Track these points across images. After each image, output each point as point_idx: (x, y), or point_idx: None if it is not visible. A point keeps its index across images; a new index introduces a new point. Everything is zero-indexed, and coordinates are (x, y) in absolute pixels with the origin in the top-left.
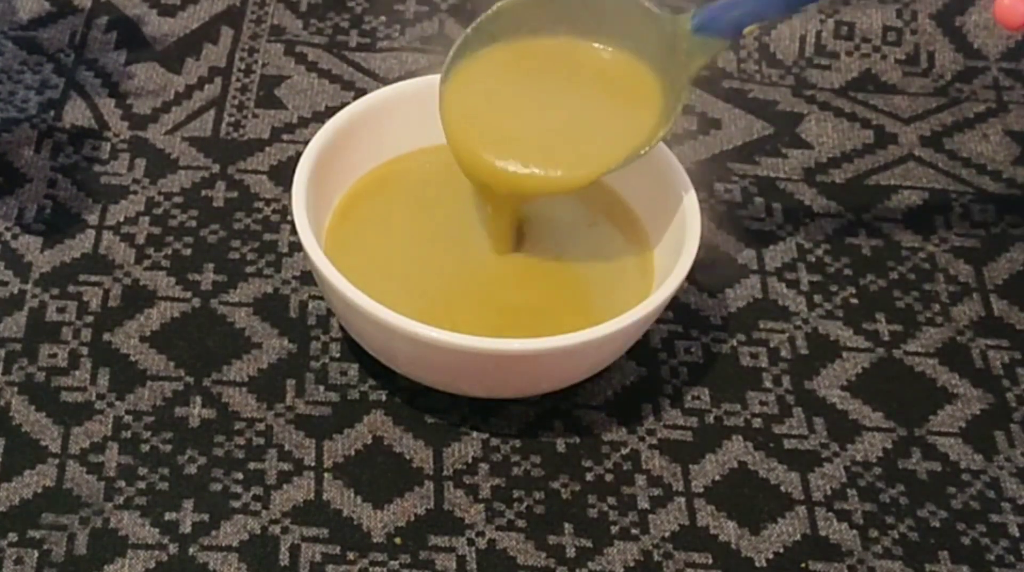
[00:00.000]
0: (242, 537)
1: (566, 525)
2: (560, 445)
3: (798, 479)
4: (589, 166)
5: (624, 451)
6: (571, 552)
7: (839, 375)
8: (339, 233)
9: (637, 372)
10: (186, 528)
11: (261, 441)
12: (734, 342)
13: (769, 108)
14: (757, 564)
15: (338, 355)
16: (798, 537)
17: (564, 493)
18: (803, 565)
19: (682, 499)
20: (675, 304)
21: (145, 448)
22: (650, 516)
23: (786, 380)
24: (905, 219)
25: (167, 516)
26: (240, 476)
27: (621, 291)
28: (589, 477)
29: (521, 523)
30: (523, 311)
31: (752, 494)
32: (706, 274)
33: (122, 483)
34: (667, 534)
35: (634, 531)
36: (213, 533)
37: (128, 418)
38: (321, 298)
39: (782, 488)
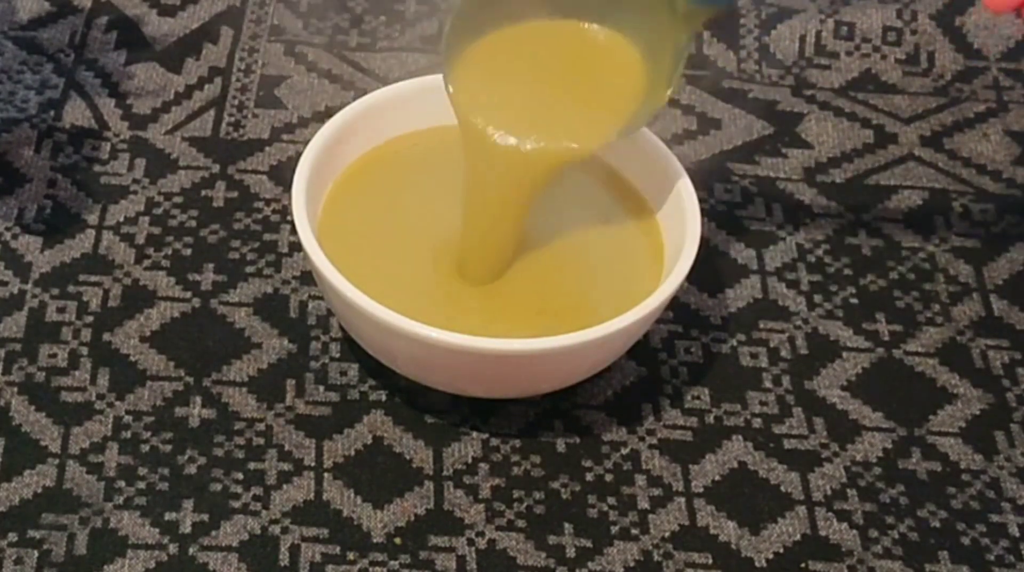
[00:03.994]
0: (242, 537)
1: (566, 525)
2: (560, 445)
3: (798, 479)
4: (596, 134)
5: (624, 451)
6: (571, 552)
7: (839, 375)
8: (331, 221)
9: (637, 372)
10: (186, 528)
11: (261, 441)
12: (734, 342)
13: (769, 108)
14: (757, 564)
15: (338, 355)
16: (798, 537)
17: (564, 493)
18: (803, 565)
19: (682, 499)
20: (675, 304)
21: (145, 448)
22: (650, 516)
23: (786, 380)
24: (905, 219)
25: (167, 516)
26: (240, 476)
27: (631, 289)
28: (589, 477)
29: (521, 523)
30: (528, 307)
31: (752, 494)
32: (706, 274)
33: (122, 483)
34: (667, 534)
35: (634, 531)
36: (213, 533)
37: (128, 418)
38: (321, 298)
39: (782, 488)
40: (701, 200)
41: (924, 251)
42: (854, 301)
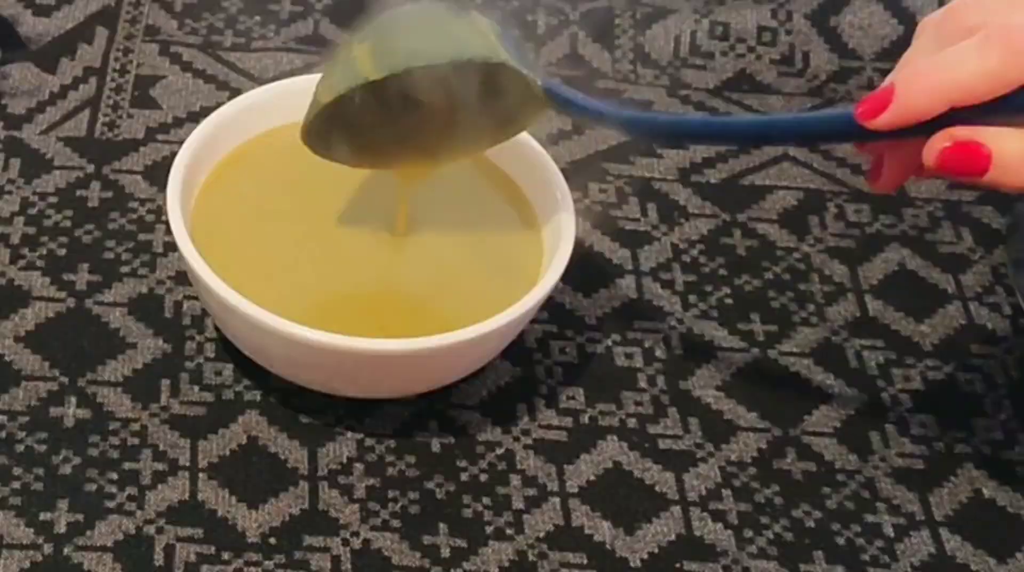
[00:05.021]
0: (117, 537)
1: (441, 525)
2: (435, 445)
3: (673, 479)
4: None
5: (499, 451)
6: (446, 552)
7: (714, 375)
8: (205, 220)
9: (512, 372)
10: (61, 528)
11: (136, 441)
12: (609, 342)
13: (644, 108)
14: (632, 564)
15: (213, 355)
16: (673, 537)
17: (439, 493)
18: (678, 565)
19: (556, 499)
20: (550, 304)
21: (19, 448)
22: (525, 516)
23: (661, 380)
24: (780, 219)
25: (42, 516)
26: (115, 476)
27: (512, 289)
28: (464, 477)
29: (396, 523)
30: (407, 302)
31: (627, 494)
32: (581, 274)
33: None
34: (542, 534)
35: (509, 531)
36: (88, 533)
37: (2, 418)
38: (196, 298)
39: (657, 488)
40: (576, 200)
41: (799, 251)
42: (729, 301)
